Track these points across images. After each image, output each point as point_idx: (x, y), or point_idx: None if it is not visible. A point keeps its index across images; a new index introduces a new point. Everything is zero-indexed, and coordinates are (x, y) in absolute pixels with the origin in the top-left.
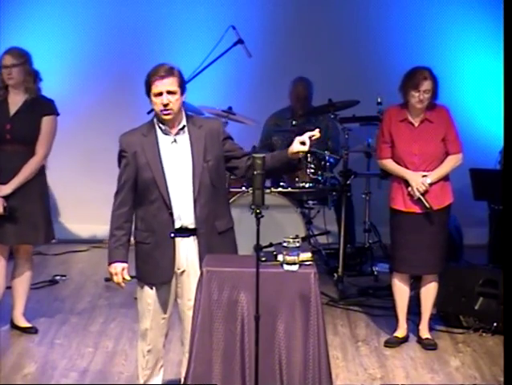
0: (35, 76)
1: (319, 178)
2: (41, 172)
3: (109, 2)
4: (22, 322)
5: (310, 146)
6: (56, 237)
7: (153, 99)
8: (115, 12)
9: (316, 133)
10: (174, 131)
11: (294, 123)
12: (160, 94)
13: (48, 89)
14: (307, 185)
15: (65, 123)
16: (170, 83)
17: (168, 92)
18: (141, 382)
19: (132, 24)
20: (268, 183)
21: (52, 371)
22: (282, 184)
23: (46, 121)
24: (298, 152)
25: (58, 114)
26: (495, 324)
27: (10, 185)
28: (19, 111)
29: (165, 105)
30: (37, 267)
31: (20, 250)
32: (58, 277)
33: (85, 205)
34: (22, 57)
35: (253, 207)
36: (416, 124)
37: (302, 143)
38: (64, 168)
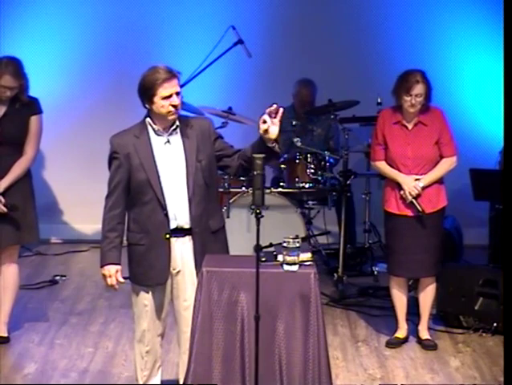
0: (26, 85)
1: (319, 178)
2: (28, 172)
3: (109, 2)
4: (1, 332)
5: (280, 122)
6: (57, 237)
7: (161, 102)
8: (115, 12)
9: (274, 107)
10: (168, 131)
11: (294, 123)
12: (170, 96)
13: (49, 89)
14: (307, 185)
15: (66, 123)
16: (176, 84)
17: (176, 93)
18: (140, 383)
19: (131, 24)
20: (268, 183)
21: (52, 371)
22: (282, 184)
23: (33, 121)
24: (265, 132)
25: (42, 112)
26: (495, 324)
27: (1, 184)
28: (7, 112)
29: (175, 106)
30: (37, 267)
31: (7, 252)
32: (58, 277)
33: (85, 205)
34: (22, 79)
35: (253, 207)
36: (410, 127)
37: (264, 122)
38: (65, 168)
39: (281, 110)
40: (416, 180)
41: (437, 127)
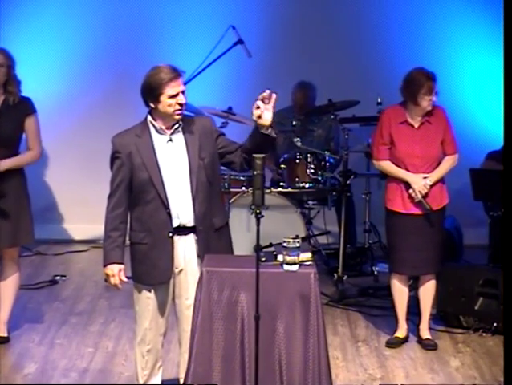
0: (18, 84)
1: (319, 178)
2: (23, 174)
3: (109, 2)
4: (1, 332)
5: (274, 109)
6: (57, 237)
7: (167, 101)
8: (115, 12)
9: (267, 92)
10: (170, 130)
11: (294, 123)
12: (176, 95)
13: (49, 89)
14: (307, 185)
15: (65, 123)
16: (182, 83)
17: (182, 92)
18: (141, 382)
19: (131, 24)
20: (268, 183)
21: (52, 371)
22: (282, 184)
23: (30, 120)
24: (259, 118)
25: (36, 111)
26: (495, 324)
27: (4, 163)
28: (1, 112)
29: (181, 105)
30: (37, 267)
31: (8, 253)
32: (58, 277)
33: (85, 205)
34: (11, 59)
35: (253, 207)
36: (416, 126)
37: (257, 108)
38: (64, 168)
39: (274, 95)
40: (424, 178)
41: (442, 126)
